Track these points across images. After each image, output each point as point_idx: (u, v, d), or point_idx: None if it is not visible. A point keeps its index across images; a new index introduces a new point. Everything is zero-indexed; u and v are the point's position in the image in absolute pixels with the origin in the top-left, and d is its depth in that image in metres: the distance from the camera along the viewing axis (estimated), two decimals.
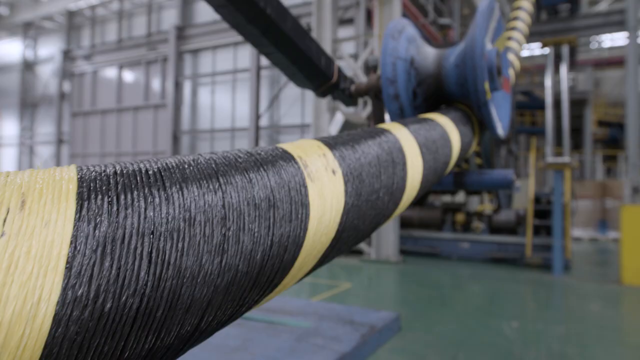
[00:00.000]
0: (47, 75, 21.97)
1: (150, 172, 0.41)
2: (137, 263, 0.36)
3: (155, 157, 0.46)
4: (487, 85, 1.30)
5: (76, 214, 0.35)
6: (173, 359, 0.42)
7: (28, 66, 22.74)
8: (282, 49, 1.88)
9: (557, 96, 10.34)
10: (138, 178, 0.40)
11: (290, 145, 0.62)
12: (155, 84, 18.45)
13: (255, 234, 0.46)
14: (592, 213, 15.75)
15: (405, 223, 11.41)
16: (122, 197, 0.37)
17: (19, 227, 0.32)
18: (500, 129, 1.45)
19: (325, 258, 0.66)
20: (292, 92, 14.87)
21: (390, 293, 7.58)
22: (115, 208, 0.36)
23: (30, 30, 22.80)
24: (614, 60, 25.12)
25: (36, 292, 0.31)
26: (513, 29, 2.28)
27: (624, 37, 8.86)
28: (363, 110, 10.12)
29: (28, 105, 22.68)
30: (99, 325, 0.33)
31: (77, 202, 0.35)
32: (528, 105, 19.47)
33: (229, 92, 16.72)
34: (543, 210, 9.96)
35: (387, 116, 1.69)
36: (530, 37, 9.48)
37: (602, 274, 9.05)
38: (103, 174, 0.39)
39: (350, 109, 8.94)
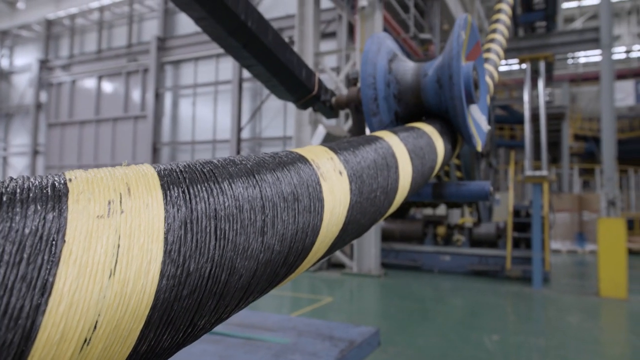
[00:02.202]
0: (23, 85, 21.55)
1: (205, 170, 0.51)
2: (207, 238, 0.46)
3: (202, 159, 0.57)
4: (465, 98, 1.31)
5: (164, 199, 0.45)
6: (229, 316, 0.55)
7: (3, 75, 22.28)
8: (263, 62, 1.87)
9: (535, 110, 10.54)
10: (198, 174, 0.50)
11: (303, 150, 0.71)
12: (136, 95, 18.24)
13: (285, 221, 0.57)
14: (570, 226, 16.00)
15: (386, 236, 11.39)
16: (191, 188, 0.48)
17: (130, 207, 0.42)
18: (478, 142, 1.45)
19: (334, 246, 0.75)
20: (274, 105, 14.85)
21: (372, 307, 7.53)
22: (188, 197, 0.47)
23: (6, 39, 22.39)
24: (589, 76, 25.84)
25: (147, 254, 0.41)
26: (492, 41, 2.30)
27: (599, 54, 9.09)
28: (345, 123, 10.14)
29: (2, 115, 22.18)
30: (187, 281, 0.44)
31: (163, 191, 0.45)
32: (507, 119, 19.83)
33: (211, 103, 16.62)
34: (522, 223, 10.06)
35: (367, 129, 1.67)
36: (508, 53, 9.67)
37: (580, 286, 9.15)
38: (172, 171, 0.49)
39: (332, 122, 8.95)
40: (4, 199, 0.36)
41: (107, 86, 19.07)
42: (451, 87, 1.29)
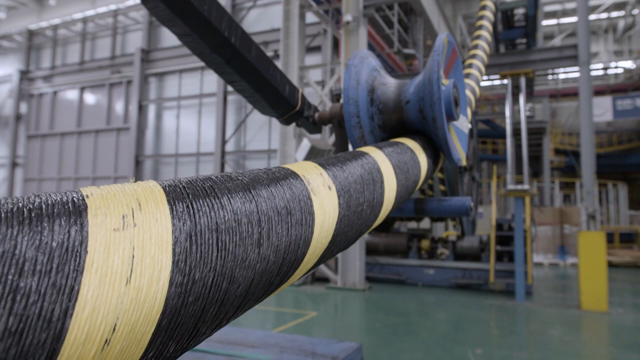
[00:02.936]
0: (2, 95, 21.20)
1: (206, 186, 0.55)
2: (210, 249, 0.50)
3: (202, 175, 0.60)
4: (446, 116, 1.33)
5: (171, 214, 0.48)
6: (227, 323, 0.57)
7: None
8: (246, 78, 1.86)
9: (516, 125, 10.70)
10: (199, 190, 0.54)
11: (294, 166, 0.75)
12: (118, 106, 18.07)
13: (280, 234, 0.60)
14: (551, 239, 16.19)
15: (371, 249, 11.38)
16: (194, 203, 0.51)
17: (141, 221, 0.45)
18: (458, 158, 1.46)
19: (323, 257, 0.78)
20: (259, 118, 14.83)
21: (356, 321, 7.47)
22: (192, 211, 0.50)
23: None
24: (569, 92, 26.44)
25: (158, 264, 0.44)
26: (473, 57, 2.34)
27: (577, 71, 9.31)
28: (330, 137, 10.16)
29: None
30: (192, 289, 0.47)
31: (169, 206, 0.49)
32: (490, 133, 20.11)
33: (195, 116, 16.54)
34: (505, 236, 10.14)
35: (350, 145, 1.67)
36: (490, 69, 9.83)
37: (562, 299, 9.23)
38: (176, 187, 0.53)
39: (317, 135, 8.96)
40: (33, 214, 0.39)
41: (90, 98, 18.86)
42: (432, 103, 1.29)
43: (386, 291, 9.72)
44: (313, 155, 9.50)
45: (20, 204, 0.40)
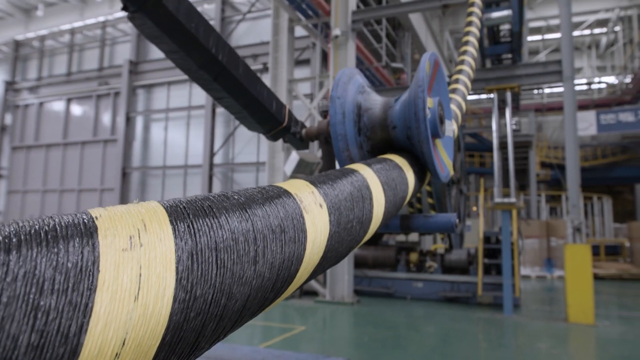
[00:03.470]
0: None
1: (205, 206, 0.57)
2: (210, 267, 0.52)
3: (200, 195, 0.62)
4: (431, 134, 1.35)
5: (173, 234, 0.50)
6: (224, 337, 0.60)
7: None
8: (233, 94, 1.86)
9: (503, 139, 10.83)
10: (199, 210, 0.56)
11: (286, 184, 0.77)
12: (106, 118, 17.95)
13: (274, 251, 0.63)
14: (538, 251, 16.30)
15: (359, 262, 11.35)
16: (195, 223, 0.53)
17: (147, 241, 0.48)
18: (445, 175, 1.48)
19: (315, 273, 0.81)
20: (247, 130, 14.80)
21: (345, 335, 7.42)
22: (192, 231, 0.52)
23: None
24: (554, 106, 26.87)
25: (163, 282, 0.47)
26: (460, 72, 2.37)
27: (561, 85, 9.47)
28: (318, 150, 10.18)
29: None
30: (194, 305, 0.50)
31: (172, 226, 0.51)
32: (477, 147, 20.32)
33: (183, 128, 16.48)
34: (493, 249, 10.19)
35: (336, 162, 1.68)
36: (477, 83, 9.96)
37: (549, 312, 9.27)
38: (177, 207, 0.55)
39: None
40: (49, 236, 0.42)
41: (76, 109, 18.71)
42: (417, 122, 1.30)
43: (375, 304, 9.68)
44: (301, 167, 9.48)
45: (37, 226, 0.43)
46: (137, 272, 0.45)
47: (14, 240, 0.40)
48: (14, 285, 0.38)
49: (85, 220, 0.46)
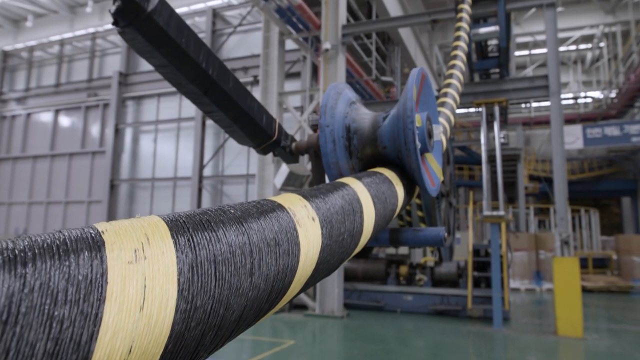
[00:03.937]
0: None
1: (204, 220, 0.59)
2: (209, 279, 0.54)
3: (198, 209, 0.63)
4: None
5: (174, 247, 0.52)
6: (221, 346, 0.62)
7: None
8: (223, 109, 1.85)
9: (491, 152, 10.92)
10: (197, 223, 0.58)
11: (279, 198, 0.79)
12: (94, 130, 17.81)
13: (269, 264, 0.65)
14: (527, 264, 16.37)
15: (349, 276, 11.30)
16: (194, 237, 0.55)
17: (150, 254, 0.50)
18: (435, 189, 1.49)
19: (307, 284, 0.82)
20: (237, 143, 14.79)
21: (335, 350, 7.35)
22: (192, 244, 0.54)
23: None
24: (541, 120, 27.23)
25: (166, 293, 0.49)
26: (448, 85, 2.39)
27: (548, 100, 9.61)
28: (308, 162, 10.18)
29: None
30: (194, 315, 0.52)
31: (173, 239, 0.53)
32: (466, 160, 20.47)
33: (173, 140, 16.40)
34: (482, 262, 10.21)
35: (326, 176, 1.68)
36: (465, 97, 10.06)
37: (538, 325, 9.28)
38: (177, 221, 0.57)
39: None
40: (61, 250, 0.44)
41: (65, 120, 18.56)
42: (406, 138, 1.31)
43: (364, 318, 9.62)
44: (291, 180, 9.45)
45: (49, 240, 0.45)
46: (142, 283, 0.48)
47: (29, 254, 0.42)
48: (31, 296, 0.40)
49: (92, 235, 0.48)
